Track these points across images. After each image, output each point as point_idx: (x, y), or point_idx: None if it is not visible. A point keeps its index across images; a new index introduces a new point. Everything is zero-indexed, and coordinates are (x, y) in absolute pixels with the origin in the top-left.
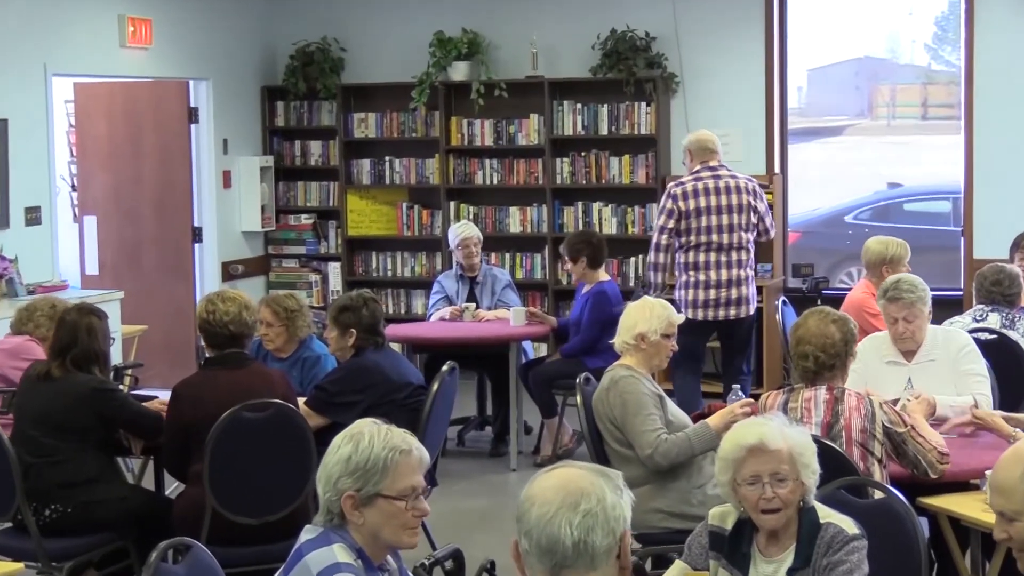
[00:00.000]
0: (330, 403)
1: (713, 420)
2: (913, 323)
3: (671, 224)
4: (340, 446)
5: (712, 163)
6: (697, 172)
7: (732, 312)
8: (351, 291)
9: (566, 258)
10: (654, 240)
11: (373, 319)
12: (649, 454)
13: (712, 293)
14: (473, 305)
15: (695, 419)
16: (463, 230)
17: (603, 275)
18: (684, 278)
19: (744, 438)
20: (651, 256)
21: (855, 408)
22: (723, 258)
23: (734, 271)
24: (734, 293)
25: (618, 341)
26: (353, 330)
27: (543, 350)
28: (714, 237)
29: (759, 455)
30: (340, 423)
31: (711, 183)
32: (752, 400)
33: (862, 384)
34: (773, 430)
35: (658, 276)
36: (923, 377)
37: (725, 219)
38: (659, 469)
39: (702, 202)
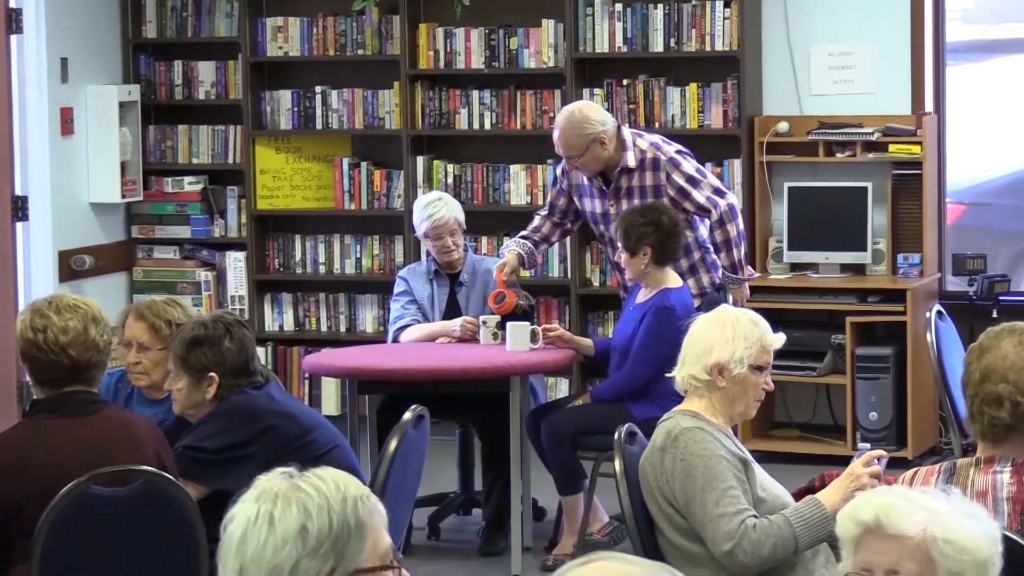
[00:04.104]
0: (212, 463)
1: (827, 494)
2: None
3: None
4: (278, 519)
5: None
6: (653, 140)
7: None
8: (206, 315)
9: (619, 247)
10: (734, 202)
11: (242, 354)
12: (728, 550)
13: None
14: (497, 318)
15: (798, 496)
16: (435, 210)
17: (672, 278)
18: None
19: (859, 511)
20: (739, 223)
21: None
22: None
23: None
24: None
25: (681, 375)
26: (213, 375)
27: (563, 388)
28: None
29: (875, 539)
30: (227, 492)
31: None
32: (882, 454)
33: None
34: (907, 506)
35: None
36: None
37: None
38: (745, 573)
39: None
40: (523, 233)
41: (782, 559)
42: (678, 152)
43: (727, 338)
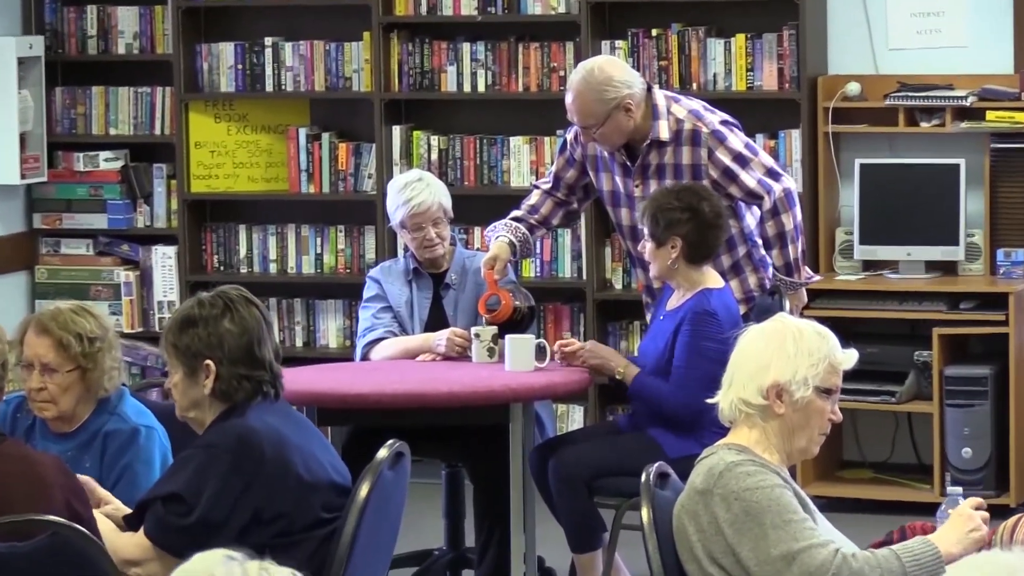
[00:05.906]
0: (201, 526)
1: (940, 537)
2: None
3: None
4: None
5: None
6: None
7: None
8: (206, 293)
9: (645, 235)
10: (791, 187)
11: (244, 338)
12: None
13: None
14: (492, 330)
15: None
16: (415, 194)
17: (712, 277)
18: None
19: None
20: (797, 213)
21: None
22: None
23: None
24: None
25: (728, 399)
26: (209, 362)
27: (577, 419)
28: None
29: None
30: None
31: None
32: (980, 502)
33: None
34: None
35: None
36: None
37: None
38: None
39: None
40: (516, 214)
41: None
42: (723, 123)
43: (788, 354)
